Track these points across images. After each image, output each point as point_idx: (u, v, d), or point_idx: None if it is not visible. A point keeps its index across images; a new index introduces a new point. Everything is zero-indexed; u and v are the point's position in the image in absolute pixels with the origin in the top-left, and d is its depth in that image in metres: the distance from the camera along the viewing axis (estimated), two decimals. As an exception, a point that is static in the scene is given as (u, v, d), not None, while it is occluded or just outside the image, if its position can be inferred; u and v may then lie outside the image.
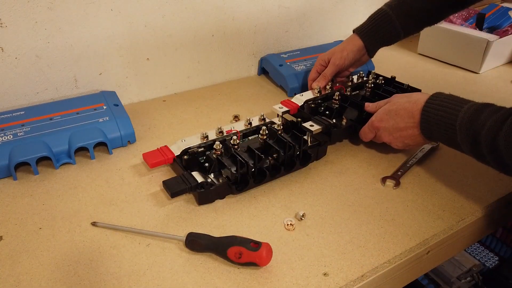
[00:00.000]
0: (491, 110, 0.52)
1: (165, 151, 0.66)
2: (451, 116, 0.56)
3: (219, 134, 0.69)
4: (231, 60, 1.00)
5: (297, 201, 0.62)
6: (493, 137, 0.50)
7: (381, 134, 0.68)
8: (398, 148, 0.68)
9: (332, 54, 0.84)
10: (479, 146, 0.52)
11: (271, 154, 0.65)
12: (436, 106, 0.58)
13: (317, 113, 0.77)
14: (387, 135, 0.67)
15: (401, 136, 0.65)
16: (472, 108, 0.54)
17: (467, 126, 0.53)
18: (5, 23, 0.71)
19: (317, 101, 0.79)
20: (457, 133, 0.55)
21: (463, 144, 0.55)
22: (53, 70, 0.79)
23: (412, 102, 0.62)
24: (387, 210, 0.61)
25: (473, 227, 0.62)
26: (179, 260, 0.52)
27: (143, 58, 0.87)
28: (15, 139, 0.67)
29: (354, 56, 0.84)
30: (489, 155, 0.52)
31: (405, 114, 0.63)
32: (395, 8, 0.81)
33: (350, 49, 0.83)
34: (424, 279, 1.06)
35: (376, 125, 0.68)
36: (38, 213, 0.59)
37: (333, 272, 0.51)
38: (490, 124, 0.51)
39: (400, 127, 0.64)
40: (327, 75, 0.83)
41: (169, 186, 0.59)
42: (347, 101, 0.78)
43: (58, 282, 0.49)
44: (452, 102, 0.57)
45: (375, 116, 0.68)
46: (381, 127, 0.67)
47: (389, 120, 0.65)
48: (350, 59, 0.83)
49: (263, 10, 0.98)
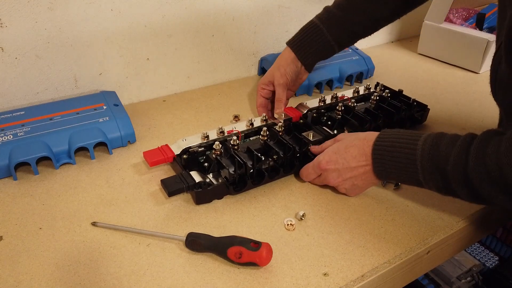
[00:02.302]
0: (448, 141, 0.50)
1: (166, 150, 0.66)
2: (408, 156, 0.53)
3: (220, 134, 0.69)
4: (231, 60, 1.00)
5: (297, 201, 0.62)
6: (462, 172, 0.48)
7: (327, 176, 0.62)
8: (343, 192, 0.63)
9: (271, 75, 0.81)
10: (448, 181, 0.50)
11: (271, 155, 0.65)
12: (389, 144, 0.55)
13: (319, 123, 0.76)
14: (335, 177, 0.61)
15: (351, 177, 0.60)
16: (428, 143, 0.51)
17: (429, 163, 0.51)
18: (5, 23, 0.71)
19: (321, 110, 0.78)
20: (418, 171, 0.52)
21: (427, 182, 0.52)
22: (53, 70, 0.79)
23: (361, 139, 0.59)
24: (387, 210, 0.61)
25: (473, 227, 0.62)
26: (179, 260, 0.52)
27: (143, 58, 0.87)
28: (15, 139, 0.67)
29: (292, 69, 0.80)
30: (461, 189, 0.50)
31: (356, 152, 0.58)
32: (326, 21, 0.77)
33: (285, 64, 0.80)
34: (424, 279, 1.06)
35: (323, 167, 0.62)
36: (38, 213, 0.59)
37: (333, 272, 0.51)
38: (453, 159, 0.49)
39: (352, 166, 0.59)
40: (281, 98, 0.79)
41: (166, 185, 0.60)
42: (350, 113, 0.76)
43: (58, 282, 0.49)
44: (404, 139, 0.54)
45: (322, 156, 0.62)
46: (329, 169, 0.61)
47: (338, 160, 0.60)
48: (290, 73, 0.79)
49: (263, 10, 0.98)
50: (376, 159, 0.56)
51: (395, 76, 0.96)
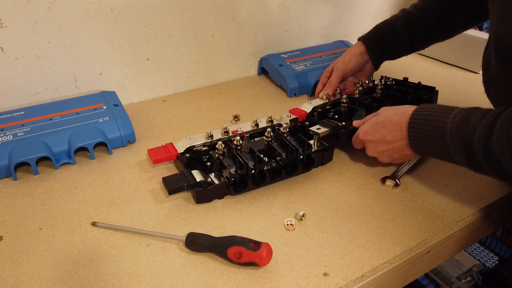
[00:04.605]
0: (478, 115, 0.50)
1: (170, 148, 0.66)
2: (439, 129, 0.54)
3: (224, 134, 0.69)
4: (231, 60, 1.00)
5: (297, 201, 0.62)
6: (485, 143, 0.48)
7: (366, 146, 0.65)
8: (384, 162, 0.65)
9: (335, 62, 0.84)
10: (474, 155, 0.51)
11: (275, 157, 0.65)
12: (423, 117, 0.56)
13: (326, 118, 0.76)
14: (372, 149, 0.64)
15: (388, 149, 0.62)
16: (458, 117, 0.52)
17: (456, 136, 0.51)
18: (5, 23, 0.71)
19: (326, 107, 0.78)
20: (448, 145, 0.53)
21: (457, 156, 0.53)
22: (53, 70, 0.79)
23: (399, 114, 0.60)
24: (387, 210, 0.61)
25: (473, 227, 0.62)
26: (179, 260, 0.52)
27: (143, 58, 0.87)
28: (15, 139, 0.67)
29: (357, 60, 0.83)
30: (485, 163, 0.50)
31: (392, 127, 0.60)
32: (401, 18, 0.80)
33: (351, 54, 0.83)
34: (424, 279, 1.06)
35: (361, 138, 0.65)
36: (38, 213, 0.59)
37: (333, 272, 0.51)
38: (479, 131, 0.49)
39: (387, 140, 0.61)
40: (332, 82, 0.83)
41: (167, 183, 0.60)
42: (355, 104, 0.76)
43: (58, 282, 0.49)
44: (437, 113, 0.55)
45: (361, 129, 0.66)
46: (366, 140, 0.64)
47: (375, 133, 0.63)
48: (352, 63, 0.83)
49: (263, 10, 0.98)
50: (411, 132, 0.57)
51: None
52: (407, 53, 0.84)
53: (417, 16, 0.79)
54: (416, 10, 0.79)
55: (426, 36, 0.81)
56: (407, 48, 0.82)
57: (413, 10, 0.80)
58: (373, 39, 0.82)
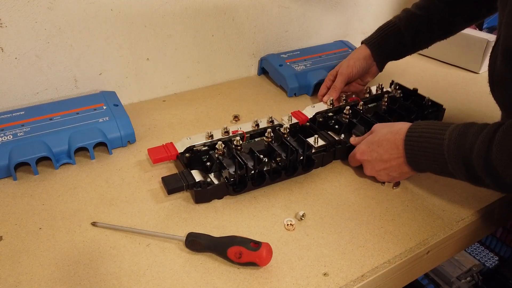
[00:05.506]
0: (475, 131, 0.50)
1: (170, 148, 0.66)
2: (437, 146, 0.53)
3: (224, 134, 0.69)
4: (231, 60, 1.00)
5: (297, 201, 0.62)
6: (485, 158, 0.48)
7: (364, 166, 0.65)
8: (383, 181, 0.65)
9: (340, 66, 0.84)
10: (474, 170, 0.50)
11: (275, 157, 0.65)
12: (419, 135, 0.56)
13: (327, 127, 0.74)
14: (370, 168, 0.64)
15: (385, 168, 0.61)
16: (455, 133, 0.52)
17: (455, 153, 0.51)
18: (5, 23, 0.71)
19: (328, 114, 0.76)
20: (447, 161, 0.53)
21: (457, 172, 0.53)
22: (53, 70, 0.79)
23: (394, 132, 0.59)
24: (387, 210, 0.61)
25: (473, 227, 0.62)
26: (179, 260, 0.52)
27: (143, 58, 0.87)
28: (15, 139, 0.67)
29: (361, 64, 0.82)
30: (486, 178, 0.50)
31: (388, 145, 0.60)
32: (403, 18, 0.80)
33: (356, 58, 0.83)
34: (424, 279, 1.06)
35: (358, 158, 0.65)
36: (38, 213, 0.59)
37: (333, 272, 0.51)
38: (478, 146, 0.49)
39: (384, 159, 0.61)
40: (337, 87, 0.82)
41: (166, 182, 0.60)
42: (357, 117, 0.75)
43: (58, 282, 0.49)
44: (433, 129, 0.54)
45: (357, 148, 0.65)
46: (363, 160, 0.64)
47: (371, 152, 0.62)
48: (357, 67, 0.82)
49: (263, 10, 0.98)
50: (408, 150, 0.57)
51: (394, 76, 0.95)
52: (411, 53, 0.84)
53: (420, 15, 0.79)
54: (419, 9, 0.79)
55: (430, 35, 0.81)
56: (411, 48, 0.82)
57: (416, 10, 0.79)
58: (378, 43, 0.82)
